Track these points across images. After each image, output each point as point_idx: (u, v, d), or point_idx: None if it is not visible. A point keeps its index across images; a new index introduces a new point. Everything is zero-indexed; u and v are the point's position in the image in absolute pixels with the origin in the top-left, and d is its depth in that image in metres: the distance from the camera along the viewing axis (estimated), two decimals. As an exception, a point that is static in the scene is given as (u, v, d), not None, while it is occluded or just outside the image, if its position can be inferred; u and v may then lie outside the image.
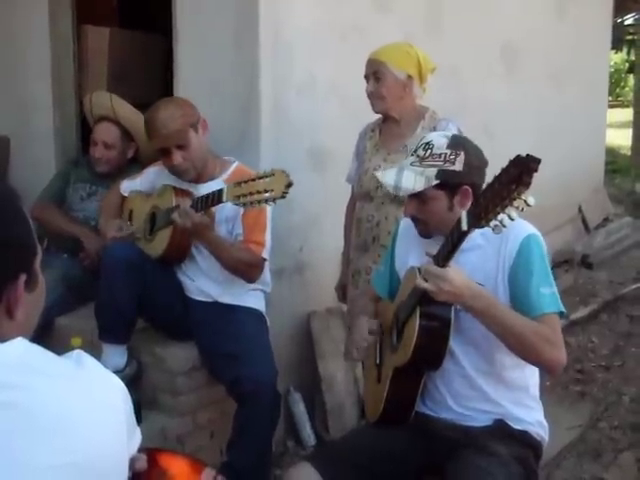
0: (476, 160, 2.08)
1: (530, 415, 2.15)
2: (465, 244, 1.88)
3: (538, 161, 1.62)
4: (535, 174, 1.62)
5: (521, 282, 2.00)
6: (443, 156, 2.05)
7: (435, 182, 2.05)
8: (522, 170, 1.62)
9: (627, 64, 20.39)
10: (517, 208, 1.67)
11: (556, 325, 1.99)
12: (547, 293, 1.99)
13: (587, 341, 4.68)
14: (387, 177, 2.15)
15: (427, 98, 2.99)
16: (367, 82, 2.90)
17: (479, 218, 1.73)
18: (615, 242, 6.47)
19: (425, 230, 2.16)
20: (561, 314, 2.03)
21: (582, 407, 3.89)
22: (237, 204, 2.53)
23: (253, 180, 2.48)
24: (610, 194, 7.39)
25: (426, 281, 1.91)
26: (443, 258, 1.90)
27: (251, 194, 2.46)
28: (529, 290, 1.99)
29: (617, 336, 4.78)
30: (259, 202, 2.46)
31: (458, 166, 2.04)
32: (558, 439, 3.36)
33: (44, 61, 3.97)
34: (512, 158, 1.66)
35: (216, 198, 2.61)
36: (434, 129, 2.73)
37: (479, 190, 2.05)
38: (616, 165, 9.50)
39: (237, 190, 2.51)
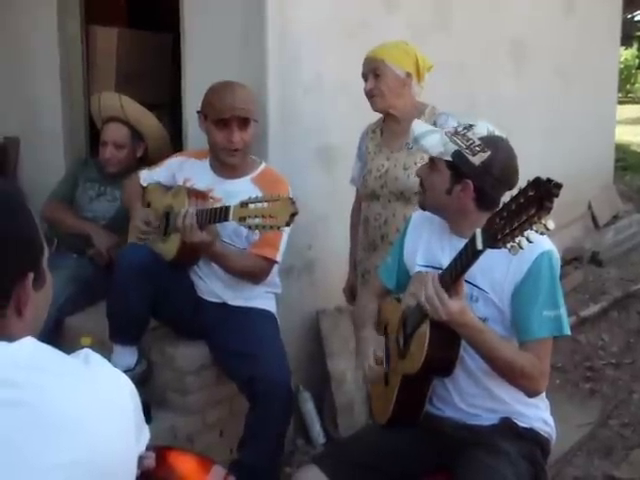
0: (498, 169, 2.02)
1: (536, 413, 2.15)
2: None
3: (559, 186, 1.55)
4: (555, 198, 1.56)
5: (525, 303, 1.99)
6: (470, 142, 2.02)
7: (447, 158, 2.04)
8: (542, 194, 1.56)
9: (637, 60, 20.33)
10: (536, 231, 1.62)
11: (545, 352, 2.00)
12: (551, 316, 1.98)
13: (597, 339, 4.67)
14: (419, 126, 2.18)
15: (435, 95, 2.98)
16: (365, 81, 2.89)
17: (495, 239, 1.69)
18: (625, 239, 6.44)
19: (422, 199, 2.19)
20: (563, 336, 2.04)
21: (592, 405, 3.88)
22: (242, 225, 2.52)
23: (260, 202, 2.47)
24: (620, 191, 7.35)
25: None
26: (455, 274, 1.87)
27: (256, 217, 2.45)
28: (532, 312, 1.98)
29: (627, 333, 4.77)
30: (263, 227, 2.46)
31: (476, 160, 2.00)
32: (568, 436, 3.36)
33: (53, 62, 3.99)
34: (531, 180, 1.59)
35: (222, 215, 2.59)
36: (434, 123, 2.72)
37: (485, 198, 2.05)
38: (626, 162, 9.45)
39: (243, 211, 2.49)
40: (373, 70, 2.86)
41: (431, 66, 2.95)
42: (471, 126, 2.07)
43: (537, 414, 2.15)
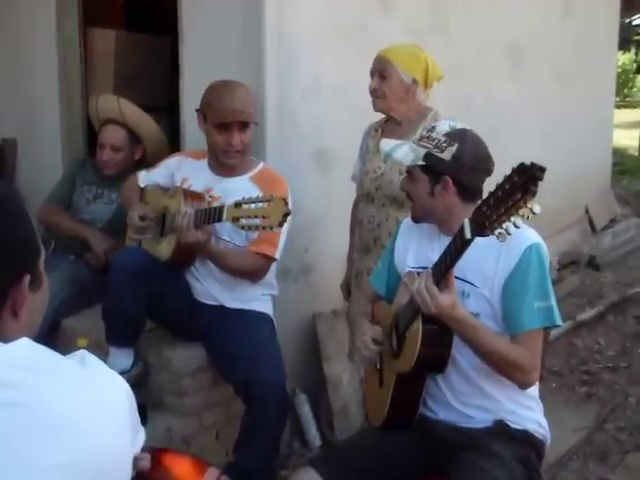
0: (470, 158, 2.06)
1: (529, 414, 2.15)
2: None
3: (543, 170, 1.59)
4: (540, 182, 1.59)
5: (516, 295, 2.00)
6: (436, 141, 2.07)
7: (420, 163, 2.08)
8: (527, 179, 1.59)
9: (635, 64, 20.40)
10: (522, 216, 1.64)
11: (535, 343, 2.02)
12: (542, 307, 2.00)
13: (593, 342, 4.68)
14: (386, 144, 2.22)
15: (431, 99, 2.99)
16: (372, 78, 2.89)
17: (483, 226, 1.71)
18: (622, 243, 6.46)
19: (412, 210, 2.22)
20: (555, 327, 2.07)
21: (588, 408, 3.88)
22: (235, 225, 2.54)
23: (253, 202, 2.49)
24: (617, 195, 7.37)
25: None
26: (445, 267, 1.88)
27: (249, 217, 2.48)
28: (522, 305, 1.99)
29: (624, 337, 4.78)
30: (256, 227, 2.49)
31: (446, 155, 2.05)
32: (564, 440, 3.36)
33: (51, 64, 3.99)
34: (515, 166, 1.63)
35: (216, 216, 2.61)
36: None
37: (466, 189, 2.08)
38: (624, 166, 9.47)
39: (236, 212, 2.52)
40: (380, 70, 2.85)
41: (441, 76, 2.93)
42: (433, 127, 2.13)
43: (531, 416, 2.16)
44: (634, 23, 17.82)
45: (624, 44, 16.28)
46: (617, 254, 6.27)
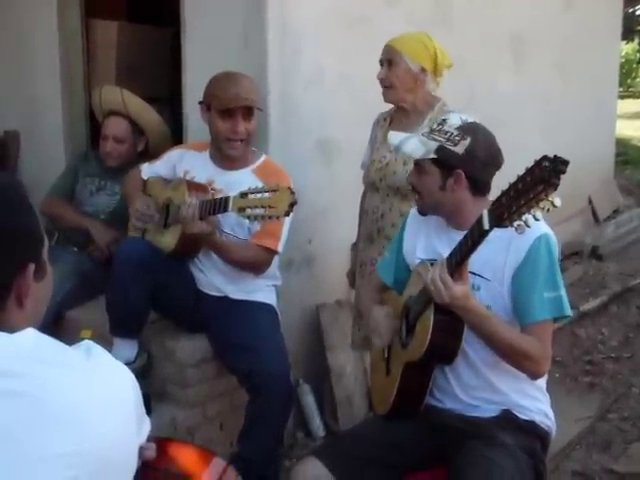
0: (482, 152, 2.05)
1: (536, 405, 2.16)
2: None
3: (566, 162, 1.58)
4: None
5: (525, 286, 2.01)
6: (449, 134, 2.06)
7: (432, 156, 2.07)
8: (550, 171, 1.58)
9: (638, 55, 20.31)
10: (542, 209, 1.64)
11: (546, 334, 2.02)
12: (551, 297, 2.00)
13: (597, 333, 4.67)
14: (395, 137, 2.19)
15: (438, 88, 2.98)
16: (381, 67, 2.88)
17: (502, 218, 1.70)
18: (625, 234, 6.44)
19: (419, 203, 2.20)
20: (564, 317, 2.07)
21: (592, 398, 3.89)
22: (242, 215, 2.54)
23: (259, 192, 2.49)
24: (620, 185, 7.35)
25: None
26: (460, 257, 1.87)
27: (255, 207, 2.47)
28: (532, 295, 2.00)
29: (627, 328, 4.77)
30: (262, 217, 2.48)
31: (459, 149, 2.04)
32: (567, 430, 3.36)
33: (53, 56, 3.99)
34: (538, 158, 1.62)
35: (222, 206, 2.61)
36: None
37: (477, 183, 2.08)
38: (627, 156, 9.43)
39: (242, 202, 2.52)
40: (388, 59, 2.85)
41: (451, 64, 2.92)
42: (444, 120, 2.11)
43: (538, 407, 2.16)
44: (637, 13, 17.76)
45: (627, 34, 16.24)
46: (620, 244, 6.25)
